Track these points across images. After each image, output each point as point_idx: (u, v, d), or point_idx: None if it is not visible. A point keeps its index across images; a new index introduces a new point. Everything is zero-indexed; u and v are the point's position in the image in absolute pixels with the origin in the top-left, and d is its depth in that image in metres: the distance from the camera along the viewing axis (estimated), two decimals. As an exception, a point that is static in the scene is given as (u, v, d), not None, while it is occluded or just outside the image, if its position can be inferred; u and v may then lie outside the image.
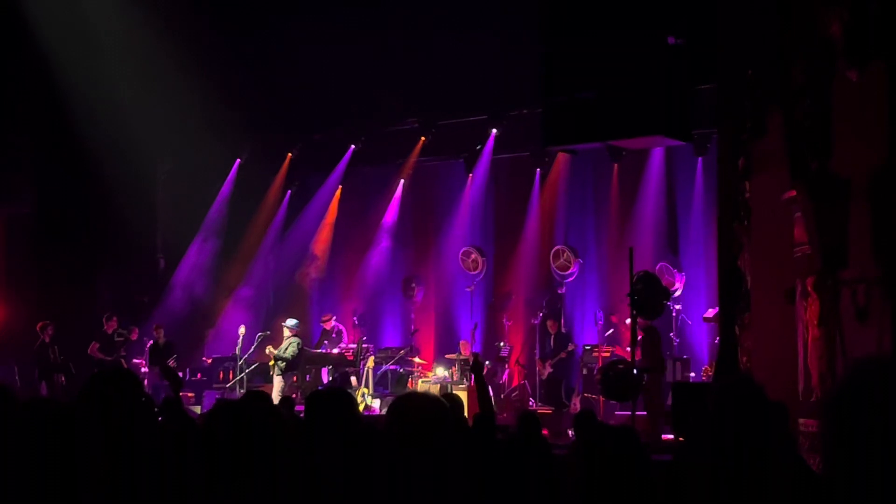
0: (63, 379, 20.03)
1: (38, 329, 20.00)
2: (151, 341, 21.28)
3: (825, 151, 11.54)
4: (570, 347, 20.07)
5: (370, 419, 15.74)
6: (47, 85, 20.42)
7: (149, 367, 20.92)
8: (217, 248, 24.58)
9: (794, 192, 11.92)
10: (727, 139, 13.87)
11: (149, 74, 20.89)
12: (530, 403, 20.04)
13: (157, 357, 20.80)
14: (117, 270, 22.88)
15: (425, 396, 4.00)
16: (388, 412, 3.84)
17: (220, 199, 24.55)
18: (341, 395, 4.87)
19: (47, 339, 20.00)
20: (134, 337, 21.44)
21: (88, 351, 20.31)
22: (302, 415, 11.15)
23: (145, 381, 20.45)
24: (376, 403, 19.75)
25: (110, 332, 20.76)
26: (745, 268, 13.28)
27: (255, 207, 24.73)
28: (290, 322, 20.42)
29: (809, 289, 11.63)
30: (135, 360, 21.23)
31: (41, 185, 21.49)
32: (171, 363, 20.77)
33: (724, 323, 13.78)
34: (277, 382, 19.82)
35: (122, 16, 20.40)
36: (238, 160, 24.40)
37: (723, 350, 13.79)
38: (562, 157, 21.24)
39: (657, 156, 20.60)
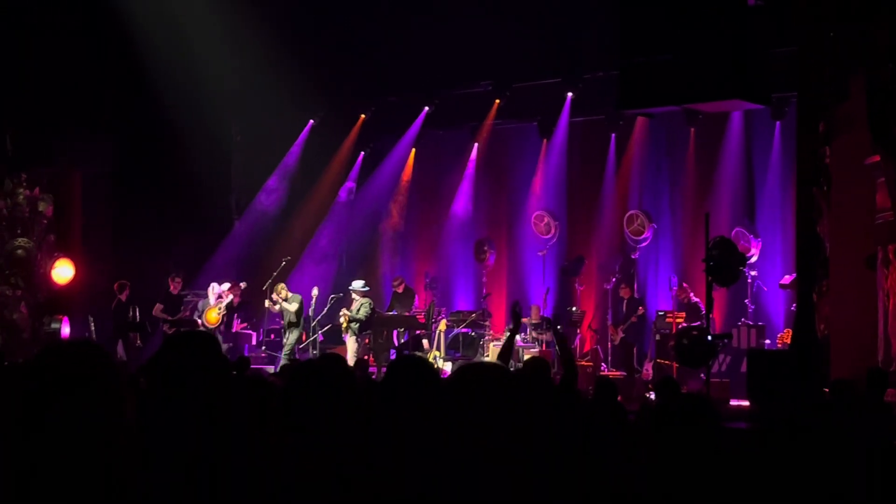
0: (138, 338, 20.25)
1: (115, 289, 20.24)
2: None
3: (910, 116, 11.31)
4: (640, 311, 19.94)
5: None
6: (126, 46, 20.56)
7: (224, 326, 21.03)
8: (285, 208, 24.69)
9: (877, 158, 11.70)
10: (807, 103, 13.63)
11: (225, 36, 20.96)
12: (602, 368, 19.96)
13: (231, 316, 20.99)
14: (193, 231, 23.08)
15: (485, 366, 3.95)
16: (447, 382, 3.79)
17: (289, 157, 24.63)
18: (421, 362, 4.85)
19: (123, 299, 20.22)
20: (216, 298, 21.56)
21: (153, 312, 20.39)
22: (374, 376, 11.18)
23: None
24: (448, 366, 19.79)
25: (175, 292, 20.79)
26: (823, 234, 13.08)
27: (326, 168, 24.78)
28: (357, 284, 20.51)
29: (891, 256, 11.44)
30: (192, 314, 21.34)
31: (119, 146, 21.69)
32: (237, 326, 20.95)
33: (802, 290, 13.59)
34: (351, 343, 19.95)
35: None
36: (311, 121, 24.45)
37: (800, 317, 13.61)
38: (638, 121, 21.01)
39: (734, 120, 20.30)
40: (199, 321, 20.22)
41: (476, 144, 23.62)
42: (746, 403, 15.12)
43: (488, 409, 3.62)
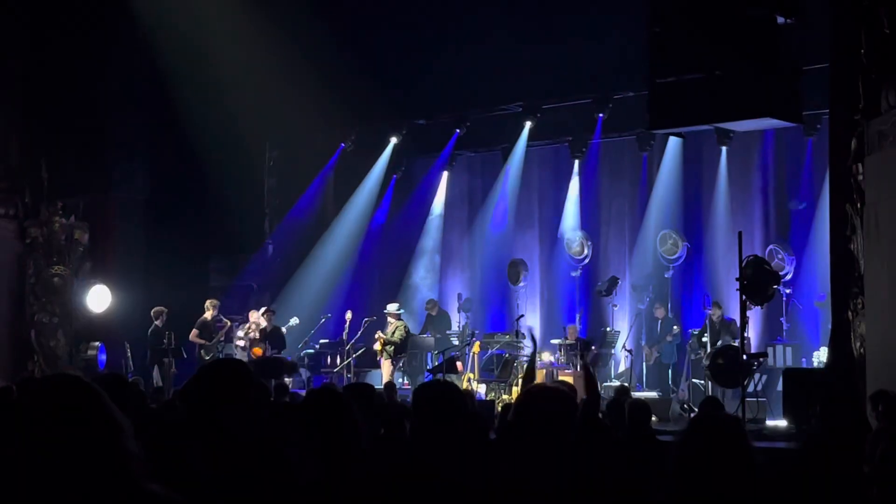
0: (173, 365, 20.28)
1: (151, 315, 20.29)
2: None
3: (942, 131, 11.26)
4: (675, 330, 19.87)
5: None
6: (158, 73, 20.73)
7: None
8: (317, 231, 24.72)
9: (909, 174, 11.64)
10: (839, 120, 13.59)
11: (257, 62, 21.10)
12: (637, 388, 19.87)
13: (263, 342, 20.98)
14: (227, 256, 23.17)
15: (552, 390, 3.99)
16: (515, 405, 3.85)
17: (320, 180, 24.69)
18: (448, 389, 4.88)
19: (160, 325, 20.25)
20: (252, 321, 21.52)
21: (190, 337, 20.36)
22: (405, 399, 11.20)
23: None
24: (482, 388, 19.75)
25: (210, 318, 20.70)
26: (858, 251, 13.01)
27: (357, 191, 24.80)
28: (392, 307, 20.56)
29: (926, 273, 11.36)
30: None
31: (153, 172, 21.84)
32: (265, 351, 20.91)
33: (837, 308, 13.51)
34: (387, 367, 19.98)
35: (231, 4, 20.65)
36: (342, 145, 24.49)
37: (836, 336, 13.53)
38: (669, 140, 20.97)
39: (766, 137, 20.25)
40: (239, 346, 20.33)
41: (508, 166, 23.62)
42: (783, 423, 15.04)
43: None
